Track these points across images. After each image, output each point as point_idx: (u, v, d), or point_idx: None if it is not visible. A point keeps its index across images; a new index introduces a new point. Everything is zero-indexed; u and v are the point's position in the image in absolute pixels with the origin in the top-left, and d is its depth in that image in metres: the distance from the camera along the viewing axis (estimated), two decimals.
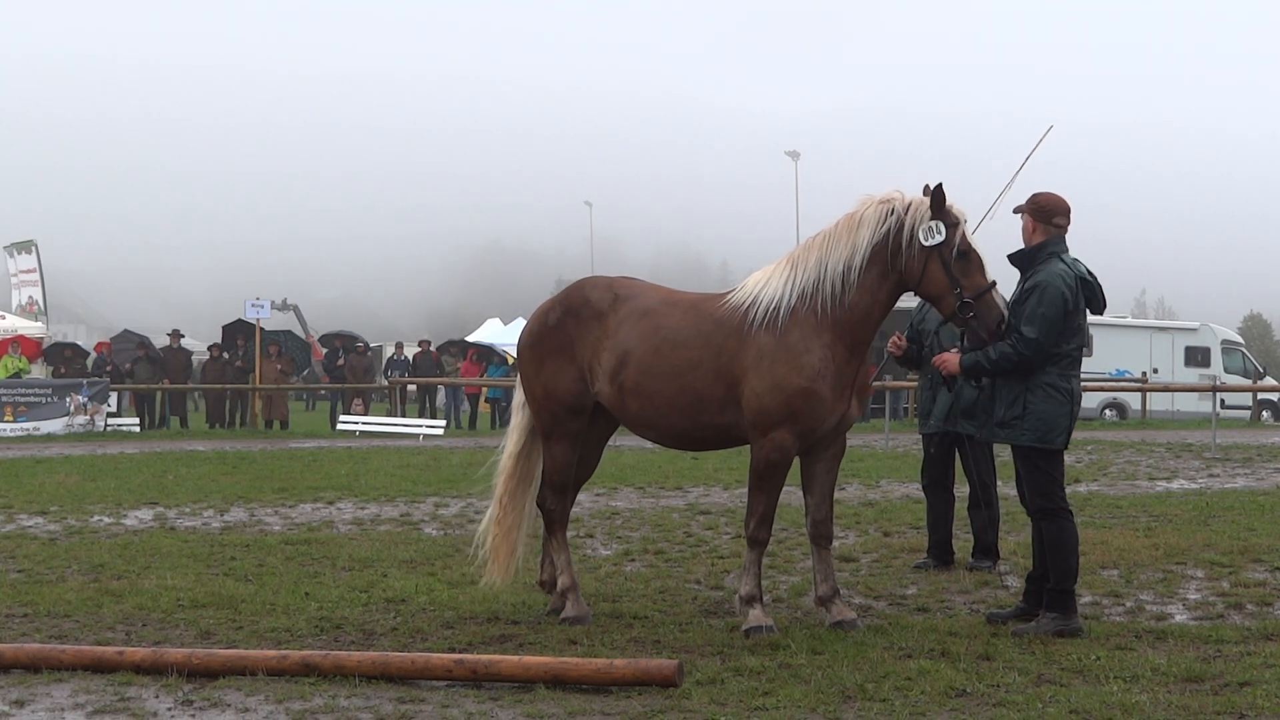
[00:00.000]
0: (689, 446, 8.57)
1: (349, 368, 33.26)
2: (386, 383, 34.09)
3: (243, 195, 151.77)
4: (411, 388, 36.16)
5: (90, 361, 32.86)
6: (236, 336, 32.90)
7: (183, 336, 35.65)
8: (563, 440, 8.36)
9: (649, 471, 17.74)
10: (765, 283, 7.87)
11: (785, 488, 8.07)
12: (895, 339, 9.68)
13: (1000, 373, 7.64)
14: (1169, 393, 32.86)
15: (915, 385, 11.45)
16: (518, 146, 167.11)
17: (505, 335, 37.69)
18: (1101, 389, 33.73)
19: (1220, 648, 7.25)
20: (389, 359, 36.18)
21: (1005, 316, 7.64)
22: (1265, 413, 35.92)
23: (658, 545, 11.19)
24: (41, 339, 35.22)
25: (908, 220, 7.66)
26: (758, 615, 7.68)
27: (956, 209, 7.68)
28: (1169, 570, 9.72)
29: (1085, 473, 17.80)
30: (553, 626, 8.01)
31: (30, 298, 40.92)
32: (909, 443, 22.51)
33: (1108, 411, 34.80)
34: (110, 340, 36.87)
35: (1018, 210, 7.94)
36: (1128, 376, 34.77)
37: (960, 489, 10.35)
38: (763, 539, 7.86)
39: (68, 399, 28.39)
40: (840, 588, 8.18)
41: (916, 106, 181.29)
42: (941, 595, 8.96)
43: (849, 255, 7.71)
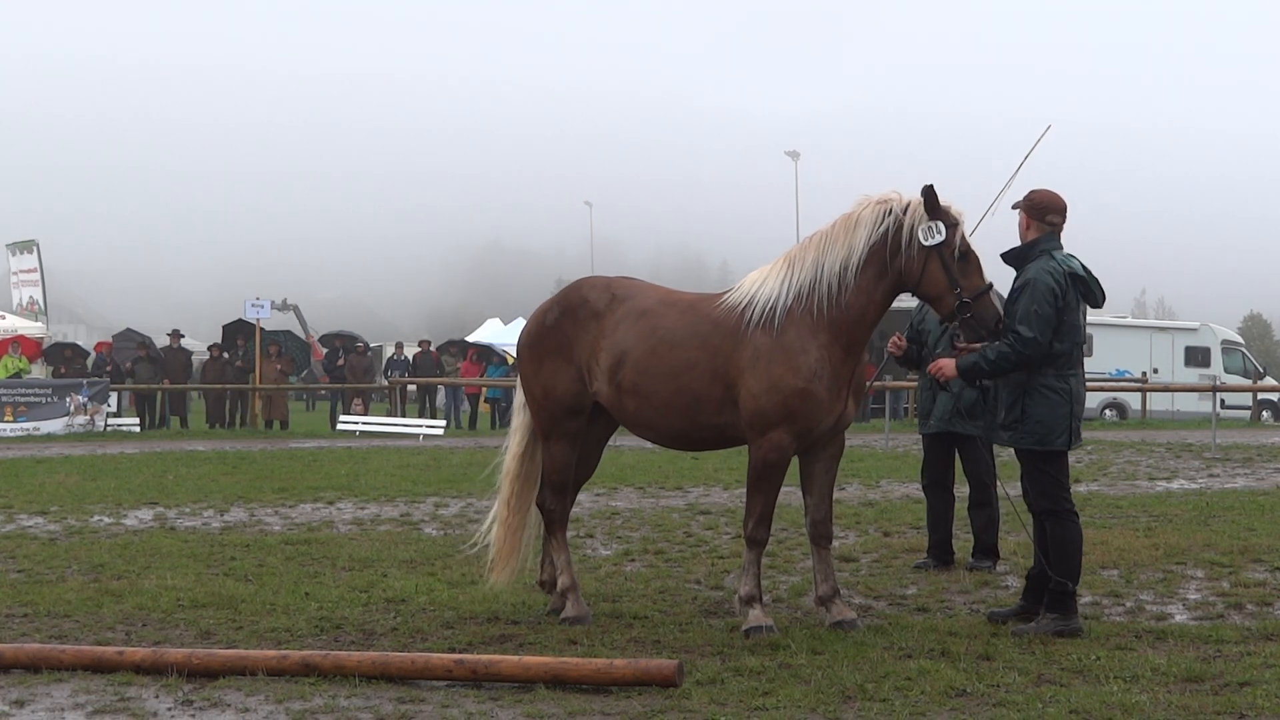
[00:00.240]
0: (687, 447, 8.57)
1: (349, 368, 33.25)
2: (386, 383, 34.09)
3: (243, 195, 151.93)
4: (411, 388, 36.16)
5: (90, 361, 32.86)
6: (236, 336, 32.90)
7: (183, 336, 35.62)
8: (562, 440, 8.36)
9: (649, 471, 17.74)
10: (762, 283, 7.86)
11: (784, 487, 8.07)
12: (895, 339, 9.68)
13: (999, 373, 7.63)
14: (1169, 393, 32.86)
15: (915, 385, 11.44)
16: (518, 146, 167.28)
17: (505, 335, 37.68)
18: (1101, 389, 33.72)
19: (1220, 648, 7.25)
20: (389, 359, 36.16)
21: (1002, 317, 7.64)
22: (1265, 413, 35.91)
23: (658, 545, 11.19)
24: (41, 339, 35.21)
25: (906, 220, 7.64)
26: (757, 615, 7.68)
27: (955, 209, 7.68)
28: (1169, 570, 9.72)
29: (1085, 473, 17.79)
30: (553, 626, 8.01)
31: (30, 298, 40.89)
32: (909, 443, 22.50)
33: (1108, 411, 34.79)
34: (112, 338, 36.86)
35: (1015, 206, 7.94)
36: (1128, 376, 34.77)
37: (960, 489, 10.35)
38: (761, 539, 7.86)
39: (68, 399, 28.38)
40: (840, 588, 8.18)
41: (916, 107, 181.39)
42: (941, 595, 8.96)
43: (846, 255, 7.70)
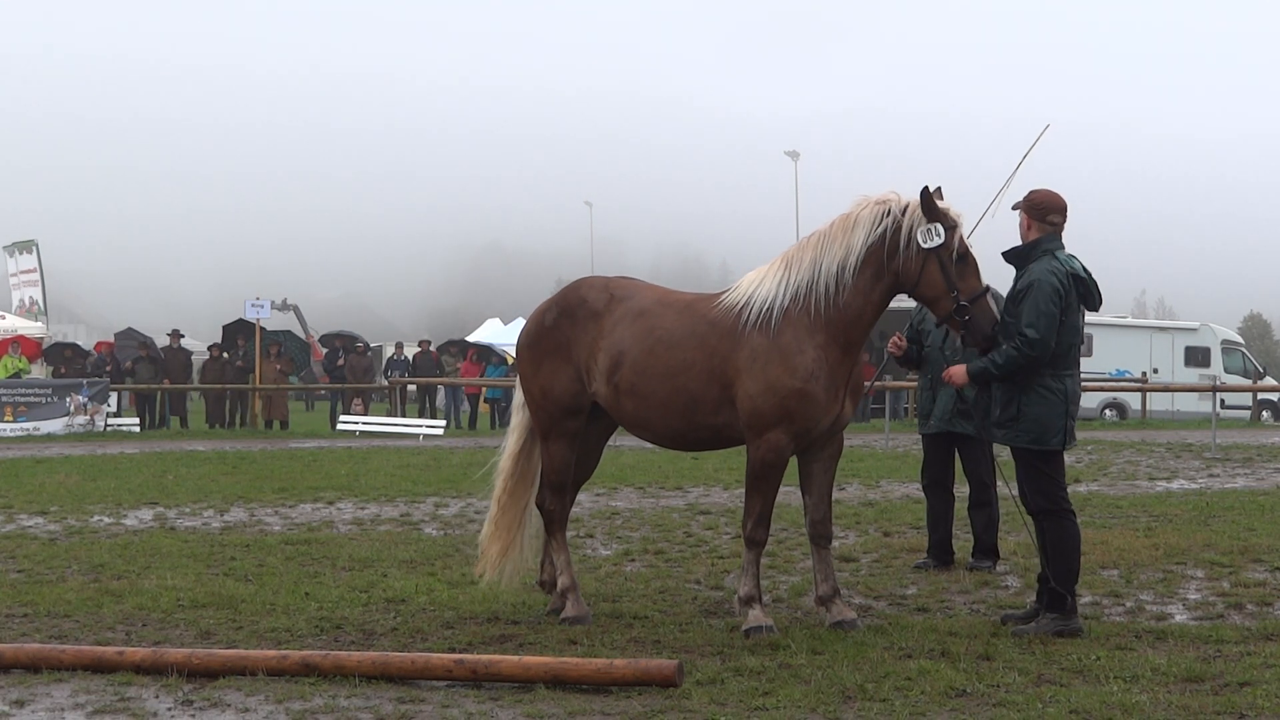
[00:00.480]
0: (685, 447, 8.56)
1: (349, 368, 33.26)
2: (386, 383, 34.09)
3: (243, 195, 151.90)
4: (411, 388, 36.16)
5: (90, 361, 32.87)
6: (236, 336, 32.90)
7: (183, 336, 35.63)
8: (560, 440, 8.36)
9: (649, 471, 17.74)
10: (759, 283, 7.86)
11: (784, 487, 8.06)
12: (895, 339, 9.68)
13: (1008, 376, 7.61)
14: (1169, 393, 32.86)
15: (915, 385, 11.44)
16: (518, 146, 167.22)
17: (505, 335, 37.69)
18: (1101, 389, 33.72)
19: (1220, 648, 7.25)
20: (389, 359, 36.17)
21: (999, 320, 7.65)
22: (1265, 413, 35.91)
23: (658, 545, 11.19)
24: (41, 339, 35.22)
25: (905, 222, 7.63)
26: (757, 615, 7.68)
27: (953, 211, 7.67)
28: (1169, 570, 9.72)
29: (1085, 473, 17.80)
30: (553, 626, 8.01)
31: (30, 298, 40.90)
32: (909, 443, 22.50)
33: (1108, 411, 34.78)
34: (114, 337, 36.86)
35: (1015, 207, 7.94)
36: (1128, 376, 34.76)
37: (960, 489, 10.35)
38: (760, 539, 7.86)
39: (68, 399, 28.38)
40: (840, 588, 8.17)
41: (916, 107, 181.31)
42: (941, 595, 8.96)
43: (843, 256, 7.70)
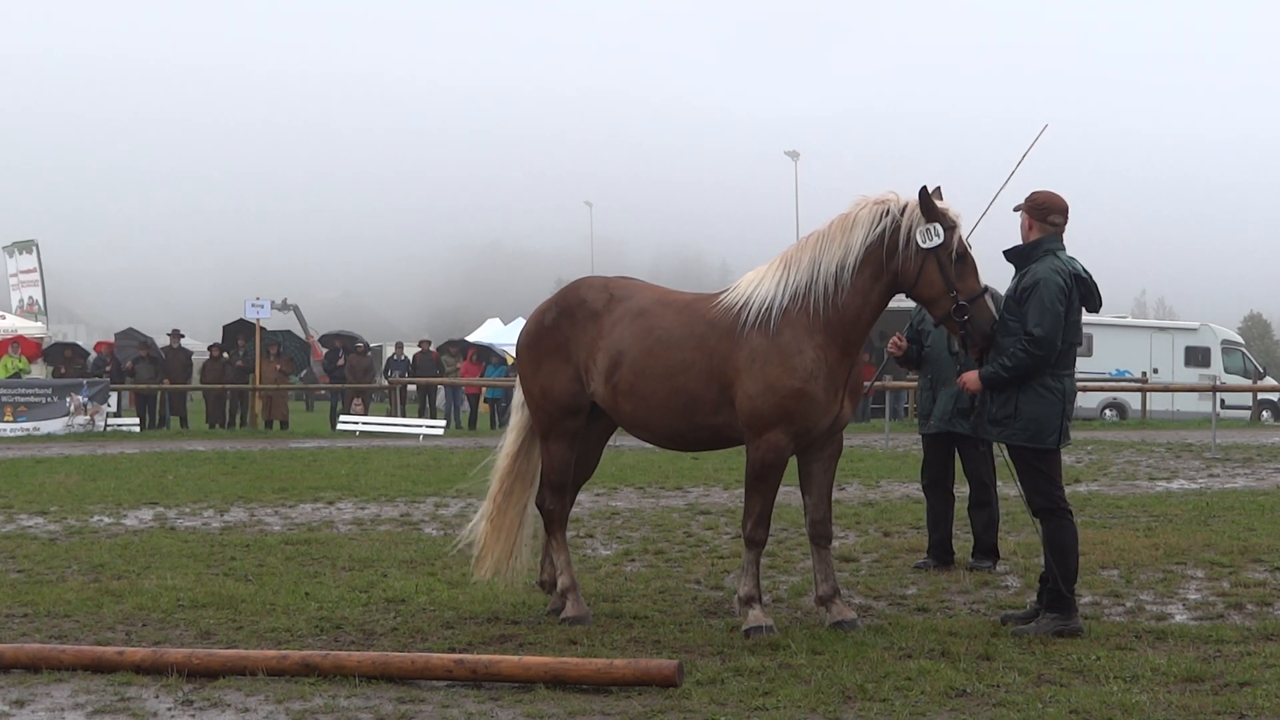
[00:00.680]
0: (684, 447, 8.56)
1: (349, 368, 33.26)
2: (386, 383, 34.09)
3: (243, 195, 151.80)
4: (411, 388, 36.16)
5: (90, 361, 32.86)
6: (237, 336, 32.91)
7: (183, 336, 35.63)
8: (560, 440, 8.36)
9: (649, 471, 17.74)
10: (758, 283, 7.86)
11: (783, 487, 8.06)
12: (895, 340, 9.68)
13: (1020, 377, 7.58)
14: (1169, 393, 32.85)
15: (915, 385, 11.44)
16: (518, 146, 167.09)
17: (505, 335, 37.70)
18: (1101, 389, 33.71)
19: (1220, 648, 7.25)
20: (389, 359, 36.17)
21: (997, 321, 7.65)
22: (1265, 413, 35.91)
23: (658, 545, 11.19)
24: (41, 339, 35.24)
25: (904, 222, 7.63)
26: (757, 615, 7.68)
27: (953, 211, 7.67)
28: (1169, 570, 9.73)
29: (1085, 473, 17.80)
30: (553, 626, 8.01)
31: (30, 298, 40.93)
32: (909, 443, 22.50)
33: (1108, 411, 34.77)
34: (115, 336, 36.85)
35: (1017, 208, 7.95)
36: (1128, 376, 34.76)
37: (960, 489, 10.35)
38: (760, 539, 7.86)
39: (68, 399, 28.38)
40: (840, 588, 8.17)
41: (915, 108, 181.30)
42: (941, 595, 8.96)
43: (842, 256, 7.70)
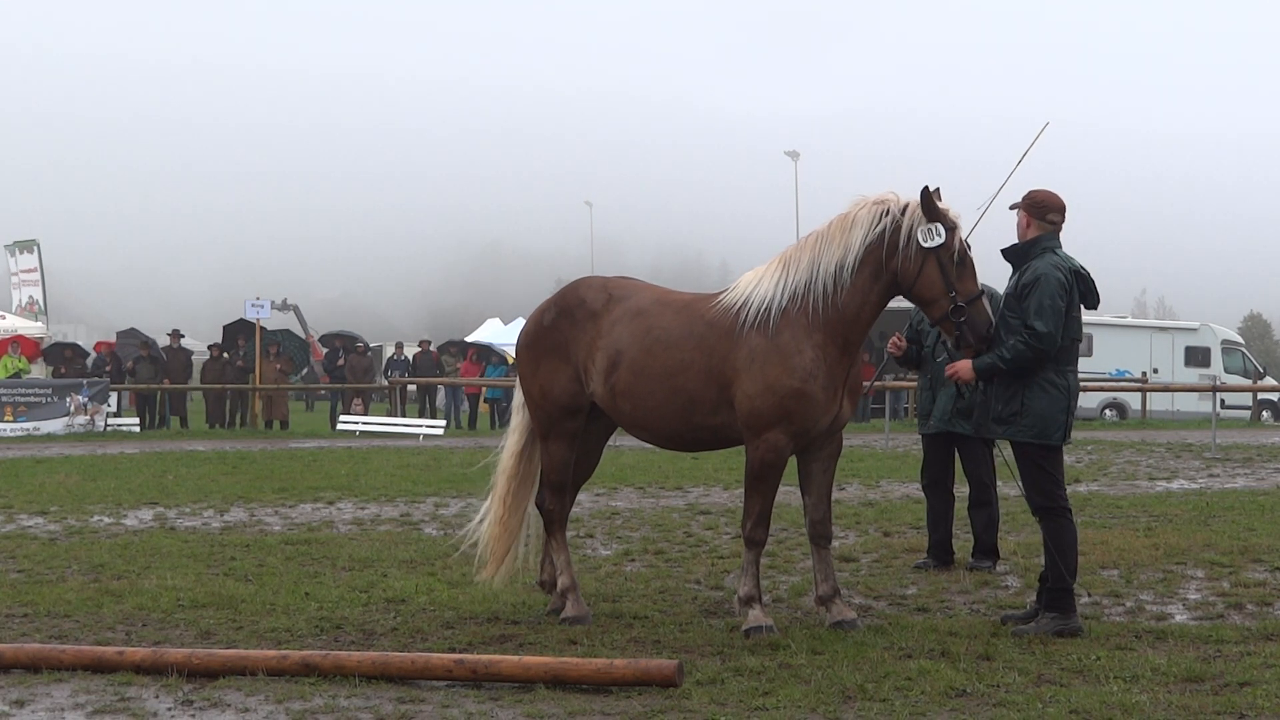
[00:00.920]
0: (683, 447, 8.56)
1: (349, 368, 33.27)
2: (386, 383, 34.10)
3: (243, 195, 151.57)
4: (411, 388, 36.17)
5: (90, 361, 32.86)
6: (237, 336, 32.92)
7: (183, 336, 35.63)
8: (560, 440, 8.36)
9: (649, 471, 17.74)
10: (757, 283, 7.86)
11: (783, 487, 8.06)
12: (895, 339, 9.68)
13: (1015, 371, 7.61)
14: (1169, 393, 32.86)
15: (915, 385, 11.44)
16: (518, 146, 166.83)
17: (505, 335, 37.70)
18: (1101, 389, 33.71)
19: (1220, 648, 7.25)
20: (389, 359, 36.18)
21: (993, 323, 7.65)
22: (1265, 413, 35.92)
23: (658, 545, 11.20)
24: (41, 339, 35.23)
25: (905, 222, 7.63)
26: (757, 615, 7.68)
27: (953, 212, 7.67)
28: (1169, 570, 9.73)
29: (1085, 473, 17.80)
30: (553, 626, 8.01)
31: (30, 297, 40.93)
32: (909, 443, 22.50)
33: (1108, 411, 34.78)
34: (116, 336, 36.85)
35: (1014, 207, 7.95)
36: (1128, 376, 34.76)
37: (960, 489, 10.35)
38: (760, 539, 7.86)
39: (68, 399, 28.38)
40: (840, 588, 8.18)
41: (915, 108, 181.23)
42: (941, 595, 8.96)
43: (841, 256, 7.70)
